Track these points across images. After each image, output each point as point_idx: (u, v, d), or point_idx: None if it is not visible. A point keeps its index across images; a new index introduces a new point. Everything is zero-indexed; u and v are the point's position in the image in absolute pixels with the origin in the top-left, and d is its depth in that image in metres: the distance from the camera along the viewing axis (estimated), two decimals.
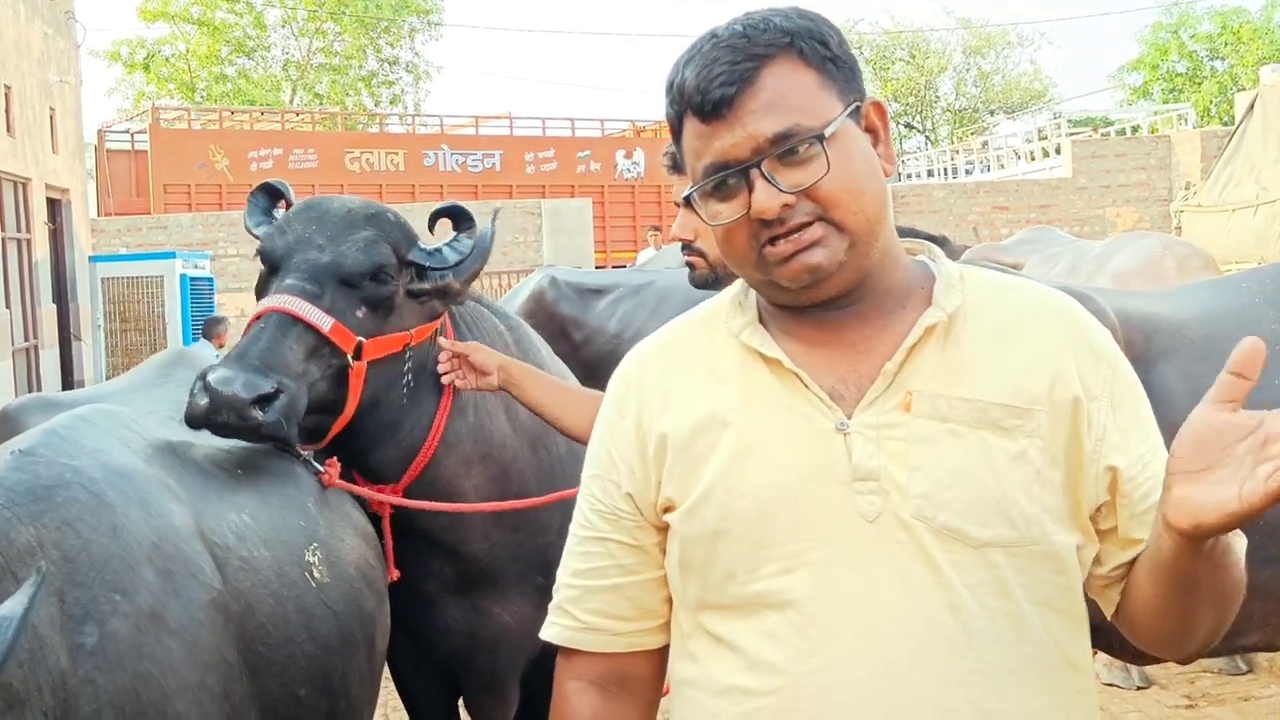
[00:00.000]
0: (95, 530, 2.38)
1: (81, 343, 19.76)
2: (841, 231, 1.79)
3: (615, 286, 8.19)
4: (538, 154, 31.86)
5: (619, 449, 1.96)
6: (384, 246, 3.54)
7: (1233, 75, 43.23)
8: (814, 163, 1.77)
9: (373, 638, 3.24)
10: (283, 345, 3.33)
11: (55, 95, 19.86)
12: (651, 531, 1.95)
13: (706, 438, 1.86)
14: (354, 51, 46.62)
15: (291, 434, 3.26)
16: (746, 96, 1.78)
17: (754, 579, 1.81)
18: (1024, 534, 1.76)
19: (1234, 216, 18.14)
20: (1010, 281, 1.97)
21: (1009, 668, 1.76)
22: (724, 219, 1.83)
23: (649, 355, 2.02)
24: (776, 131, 1.77)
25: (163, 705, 2.37)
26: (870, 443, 1.78)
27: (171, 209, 26.61)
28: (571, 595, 2.00)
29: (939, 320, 1.83)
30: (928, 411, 1.78)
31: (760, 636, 1.81)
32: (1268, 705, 6.05)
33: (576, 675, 2.00)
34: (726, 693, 1.84)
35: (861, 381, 1.83)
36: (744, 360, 1.89)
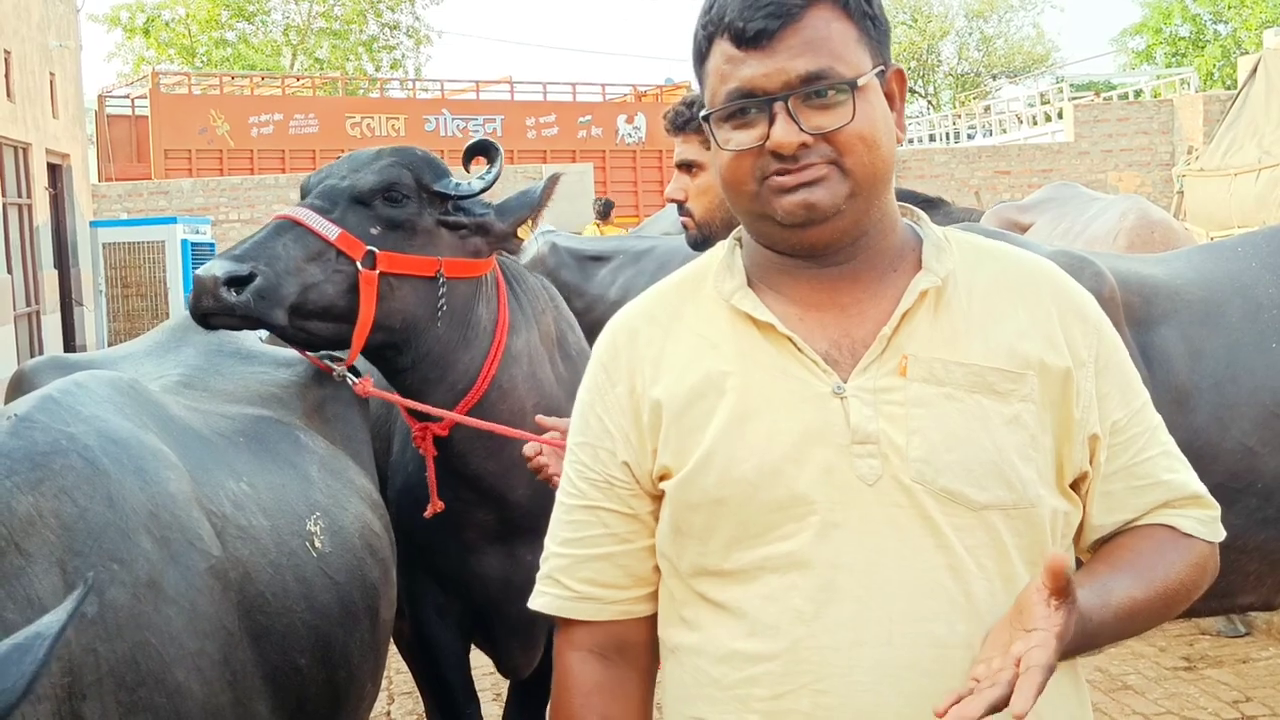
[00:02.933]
0: (91, 498, 2.37)
1: (83, 308, 19.77)
2: (846, 178, 1.80)
3: (616, 253, 8.18)
4: (539, 119, 31.74)
5: (611, 416, 1.95)
6: (399, 170, 3.72)
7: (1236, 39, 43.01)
8: (839, 109, 1.78)
9: (376, 608, 3.23)
10: (273, 242, 3.55)
11: (55, 60, 19.82)
12: (647, 500, 1.95)
13: (702, 404, 1.86)
14: (354, 16, 46.43)
15: (274, 317, 3.46)
16: (788, 32, 1.78)
17: (758, 544, 1.82)
18: (1021, 496, 1.78)
19: (1236, 181, 18.04)
20: (994, 246, 1.98)
21: None
22: (735, 146, 1.83)
23: (637, 320, 2.01)
24: (810, 70, 1.78)
25: (162, 674, 2.37)
26: (868, 406, 1.79)
27: (172, 174, 26.53)
28: (562, 564, 2.00)
29: (933, 284, 1.84)
30: (924, 375, 1.80)
31: (762, 601, 1.82)
32: (1266, 667, 6.08)
33: (576, 645, 2.01)
34: (729, 658, 1.85)
35: (855, 346, 1.83)
36: (735, 324, 1.89)
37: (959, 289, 1.86)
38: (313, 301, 3.53)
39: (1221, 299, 3.65)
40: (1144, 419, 1.89)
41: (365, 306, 3.57)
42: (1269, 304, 3.63)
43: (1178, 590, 1.83)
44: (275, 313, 3.46)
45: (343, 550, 3.12)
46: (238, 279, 3.43)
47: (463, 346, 3.79)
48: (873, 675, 1.75)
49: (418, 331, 3.71)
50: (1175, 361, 3.47)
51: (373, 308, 3.58)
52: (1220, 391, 3.51)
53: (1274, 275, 3.69)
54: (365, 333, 3.59)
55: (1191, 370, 3.51)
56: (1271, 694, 5.72)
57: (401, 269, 3.64)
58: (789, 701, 1.79)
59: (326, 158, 28.63)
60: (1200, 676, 6.00)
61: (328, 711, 2.97)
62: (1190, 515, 1.88)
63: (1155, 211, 8.94)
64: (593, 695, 1.98)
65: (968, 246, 1.93)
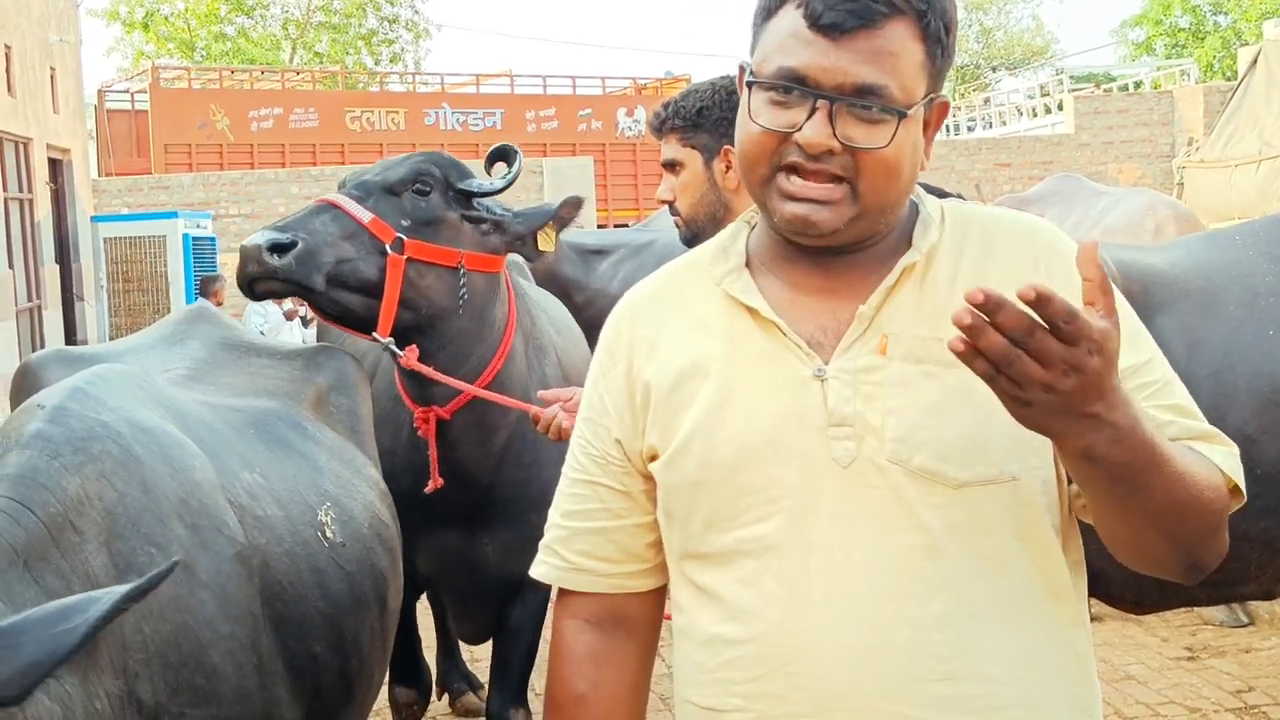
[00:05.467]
0: (128, 484, 2.43)
1: (84, 303, 19.77)
2: (856, 202, 1.78)
3: (617, 247, 8.18)
4: (539, 112, 31.73)
5: (610, 394, 1.98)
6: (428, 165, 4.11)
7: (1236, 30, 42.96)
8: (879, 129, 1.75)
9: (385, 596, 3.28)
10: (312, 219, 3.92)
11: (55, 55, 19.81)
12: (638, 478, 1.97)
13: (687, 387, 1.88)
14: (353, 9, 46.34)
15: (310, 279, 3.81)
16: (863, 36, 1.74)
17: (732, 527, 1.83)
18: (1003, 470, 1.76)
19: (1237, 172, 18.05)
20: (986, 211, 1.96)
21: (989, 606, 1.76)
22: (764, 122, 1.80)
23: (640, 302, 2.02)
24: (868, 83, 1.74)
25: (200, 656, 2.44)
26: (846, 388, 1.79)
27: (172, 169, 26.52)
28: (560, 535, 2.04)
29: (915, 260, 1.83)
30: (903, 354, 1.79)
31: (738, 585, 1.83)
32: (1268, 657, 6.09)
33: (573, 614, 2.03)
34: (709, 642, 1.86)
35: (840, 328, 1.83)
36: (727, 309, 1.90)
37: (944, 263, 1.85)
38: (346, 274, 3.87)
39: (1220, 287, 3.68)
40: (1156, 371, 1.83)
41: (391, 286, 3.89)
42: (1266, 292, 3.66)
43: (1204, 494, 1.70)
44: (314, 277, 3.82)
45: (353, 539, 3.17)
46: (280, 245, 3.79)
47: (477, 340, 4.13)
48: (845, 656, 1.76)
49: (441, 319, 4.04)
50: (1174, 350, 3.49)
51: (398, 288, 3.90)
52: (1219, 379, 3.53)
53: (1272, 264, 3.71)
54: (392, 310, 3.91)
55: (1190, 358, 3.53)
56: (1274, 683, 5.73)
57: (427, 257, 3.98)
58: (765, 684, 1.80)
59: (326, 152, 28.77)
60: (1203, 666, 6.01)
61: (340, 698, 3.02)
62: (1212, 448, 1.79)
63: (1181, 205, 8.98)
64: (584, 663, 2.01)
65: (959, 217, 1.91)
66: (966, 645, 1.75)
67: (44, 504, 2.20)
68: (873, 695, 1.75)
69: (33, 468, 2.26)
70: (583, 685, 2.00)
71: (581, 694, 2.00)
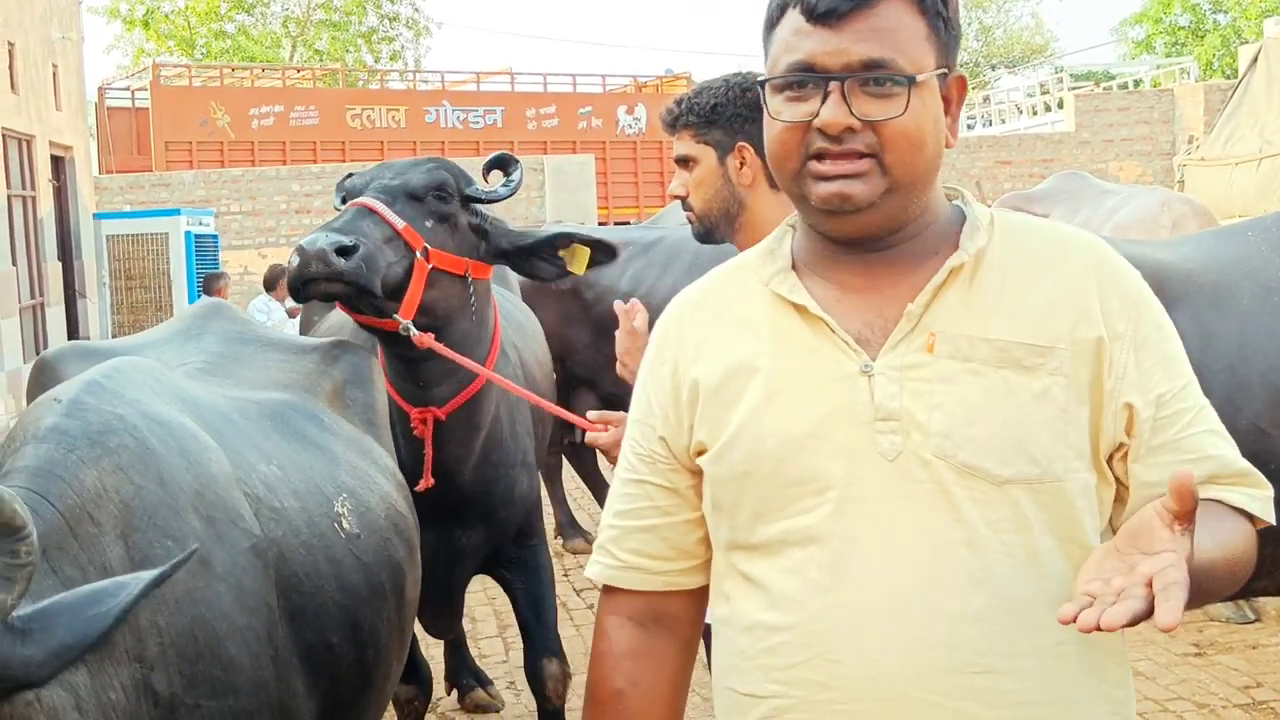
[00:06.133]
0: (145, 476, 2.44)
1: (87, 300, 19.77)
2: (885, 174, 1.82)
3: (626, 244, 8.18)
4: (539, 110, 31.73)
5: (656, 395, 2.02)
6: (444, 173, 4.26)
7: (1235, 28, 42.93)
8: (893, 101, 1.80)
9: (402, 587, 3.30)
10: (362, 221, 4.02)
11: (58, 52, 19.79)
12: (685, 475, 2.01)
13: (736, 383, 1.91)
14: (353, 7, 46.28)
15: (374, 283, 3.91)
16: (859, 15, 1.80)
17: (779, 518, 1.87)
18: (1046, 471, 1.79)
19: (1237, 170, 18.06)
20: (1038, 223, 2.00)
21: (1027, 602, 1.79)
22: (785, 118, 1.86)
23: (685, 306, 2.08)
24: (873, 57, 1.80)
25: (217, 648, 2.45)
26: (893, 384, 1.83)
27: (173, 166, 26.52)
28: (612, 535, 2.07)
29: (963, 261, 1.86)
30: (950, 352, 1.82)
31: (782, 574, 1.86)
32: (1275, 653, 6.11)
33: (615, 611, 2.07)
34: (752, 629, 1.90)
35: (887, 325, 1.86)
36: (774, 308, 1.94)
37: (992, 266, 1.88)
38: (389, 278, 3.99)
39: (1232, 282, 3.69)
40: (1190, 395, 1.87)
41: (414, 288, 4.04)
42: (1279, 287, 3.67)
43: (1238, 560, 1.81)
44: (375, 280, 3.92)
45: (369, 531, 3.19)
46: (345, 248, 3.87)
47: (476, 343, 4.33)
48: (885, 646, 1.79)
49: (451, 322, 4.21)
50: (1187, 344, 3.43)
51: (420, 290, 4.05)
52: (1232, 374, 3.54)
53: None
54: (414, 308, 4.04)
55: (1203, 353, 3.54)
56: None
57: (444, 265, 4.14)
58: (804, 671, 1.84)
59: (327, 149, 28.77)
60: (1210, 662, 6.02)
61: (358, 688, 3.04)
62: (1241, 491, 1.87)
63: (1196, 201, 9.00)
64: (624, 660, 2.04)
65: (1008, 224, 1.94)
66: (1004, 640, 1.78)
67: (61, 495, 2.22)
68: (910, 685, 1.78)
69: (50, 460, 2.27)
70: (622, 682, 2.04)
71: (620, 690, 2.04)
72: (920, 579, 1.79)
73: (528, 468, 4.92)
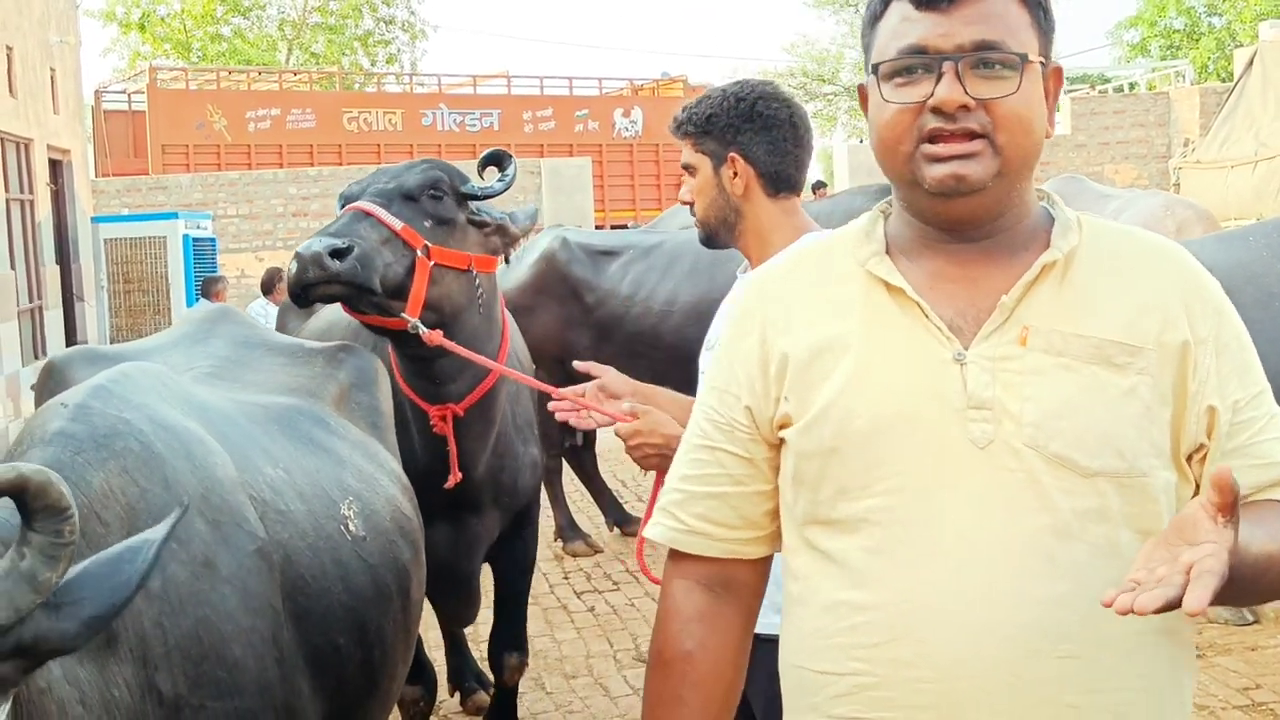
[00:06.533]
0: (150, 480, 2.46)
1: (85, 303, 19.76)
2: (997, 155, 1.86)
3: (626, 248, 8.24)
4: (536, 113, 31.77)
5: (741, 364, 2.05)
6: (437, 172, 4.40)
7: (1231, 31, 42.93)
8: (1004, 82, 1.86)
9: (407, 589, 3.32)
10: (357, 225, 4.14)
11: (55, 56, 19.78)
12: (764, 446, 2.04)
13: (827, 358, 1.95)
14: (349, 10, 46.24)
15: (372, 281, 4.03)
16: (969, 2, 1.86)
17: (864, 495, 1.90)
18: (1131, 466, 1.83)
19: (1233, 173, 18.09)
20: (1126, 229, 2.04)
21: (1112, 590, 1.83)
22: (898, 101, 1.89)
23: (769, 280, 2.12)
24: (985, 39, 1.85)
25: (221, 650, 2.47)
26: (985, 373, 1.87)
27: (170, 169, 26.51)
28: (678, 499, 2.10)
29: (1056, 259, 1.90)
30: (1042, 346, 1.86)
31: (866, 553, 1.90)
32: (1274, 654, 6.11)
33: (683, 575, 2.10)
34: (833, 608, 1.93)
35: (979, 315, 1.90)
36: (868, 288, 1.97)
37: (1083, 265, 1.92)
38: (390, 278, 4.10)
39: (1233, 287, 3.64)
40: (1264, 403, 1.93)
41: (418, 286, 4.15)
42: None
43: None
44: (373, 279, 4.05)
45: (375, 533, 3.21)
46: (339, 251, 4.00)
47: (487, 338, 4.49)
48: (971, 628, 1.82)
49: (459, 318, 4.34)
50: None
51: (424, 288, 4.16)
52: None
53: None
54: (419, 305, 4.15)
55: None
56: None
57: (446, 261, 4.25)
58: (890, 650, 1.87)
59: (324, 152, 28.78)
60: (1210, 664, 6.02)
61: (364, 689, 3.06)
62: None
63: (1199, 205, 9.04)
64: (692, 623, 2.08)
65: (1098, 227, 1.99)
66: (1087, 627, 1.82)
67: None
68: (994, 667, 1.82)
69: (57, 462, 2.29)
70: (690, 644, 2.07)
71: (689, 652, 2.07)
72: (1008, 564, 1.83)
73: (529, 457, 5.07)
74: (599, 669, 6.48)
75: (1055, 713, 1.82)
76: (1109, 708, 1.84)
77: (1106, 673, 1.83)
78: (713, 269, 7.26)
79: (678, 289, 7.79)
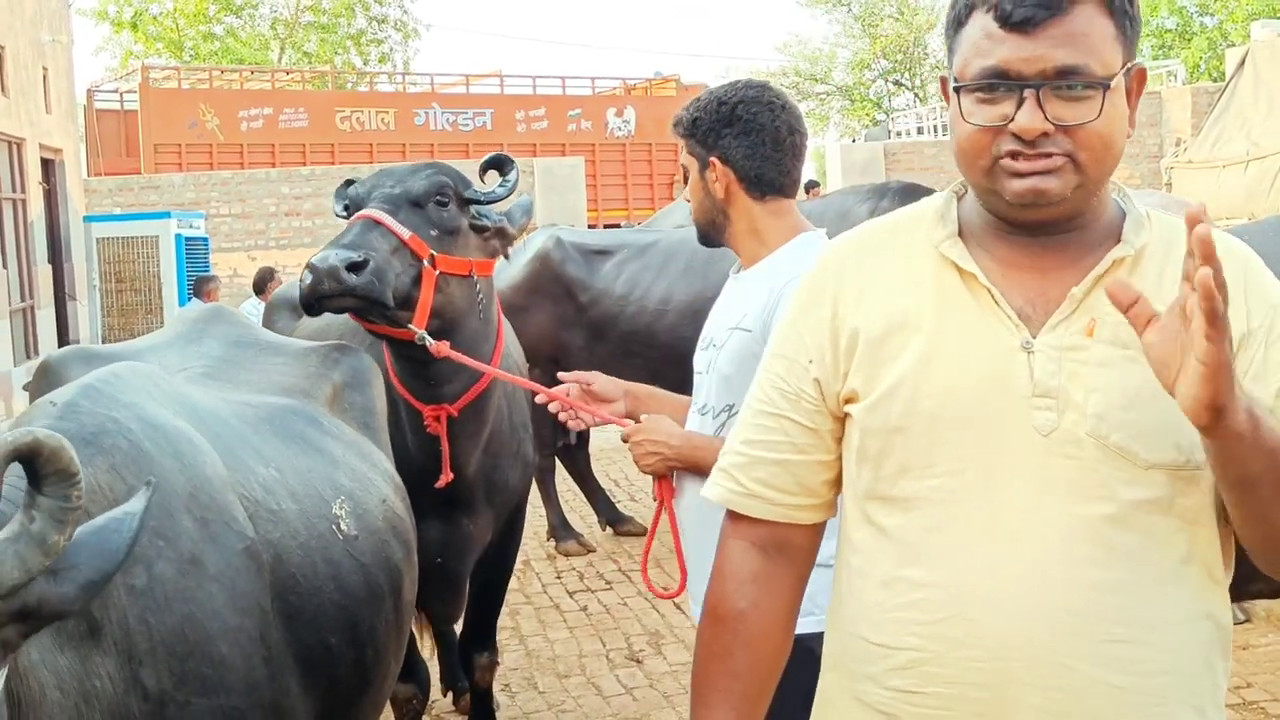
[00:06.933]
0: (138, 477, 2.45)
1: (77, 303, 19.75)
2: (1078, 172, 1.88)
3: (621, 247, 8.23)
4: (528, 112, 31.76)
5: (812, 334, 2.08)
6: (442, 178, 4.39)
7: (1222, 31, 43.02)
8: (1086, 105, 1.86)
9: (400, 588, 3.32)
10: (370, 235, 4.13)
11: (48, 54, 19.78)
12: (829, 418, 2.08)
13: (898, 338, 1.98)
14: (342, 9, 46.25)
15: (386, 296, 4.03)
16: (1054, 23, 1.85)
17: (927, 475, 1.94)
18: (1189, 459, 1.86)
19: (1225, 173, 18.08)
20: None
21: (1158, 578, 1.87)
22: (978, 120, 1.91)
23: (848, 251, 2.13)
24: (1068, 64, 1.85)
25: (207, 647, 2.47)
26: (1052, 362, 1.90)
27: (162, 169, 26.49)
28: (739, 462, 2.15)
29: (1126, 254, 1.93)
30: (1109, 338, 1.88)
31: (925, 530, 1.94)
32: (1266, 653, 6.13)
33: (741, 536, 2.16)
34: (892, 583, 1.97)
35: (1049, 304, 1.93)
36: (940, 270, 2.00)
37: (1153, 261, 1.95)
38: (399, 289, 4.11)
39: None
40: None
41: (425, 296, 4.17)
42: None
43: None
44: (386, 292, 4.04)
45: (367, 532, 3.21)
46: (356, 264, 3.99)
47: (484, 340, 4.53)
48: (1025, 610, 1.87)
49: (460, 323, 4.36)
50: None
51: (431, 298, 4.18)
52: None
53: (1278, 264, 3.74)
54: (426, 314, 4.17)
55: None
56: (1272, 679, 5.76)
57: (450, 269, 4.27)
58: (945, 628, 1.91)
59: (316, 152, 28.74)
60: None
61: (356, 689, 3.05)
62: None
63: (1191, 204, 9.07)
64: (747, 583, 2.13)
65: (1167, 224, 2.01)
66: (1136, 612, 1.87)
67: None
68: (1046, 648, 1.86)
69: None
70: (744, 603, 2.12)
71: (742, 610, 2.13)
72: (1063, 549, 1.86)
73: (522, 457, 5.09)
74: (591, 668, 6.47)
75: (1102, 693, 1.86)
76: (1152, 690, 1.87)
77: (1151, 656, 1.87)
78: (707, 268, 7.27)
79: (672, 288, 7.80)
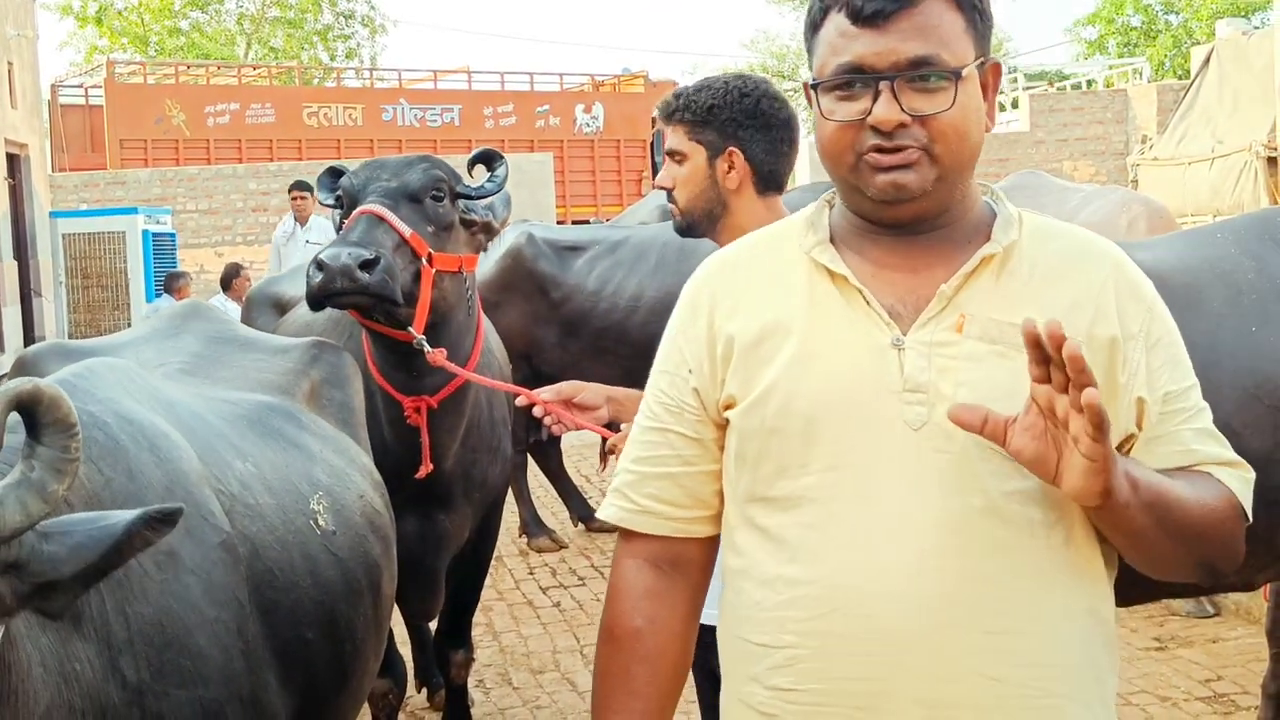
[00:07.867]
0: (114, 469, 2.48)
1: (43, 299, 19.61)
2: (935, 164, 1.94)
3: (592, 244, 8.23)
4: (497, 108, 31.68)
5: (689, 347, 2.12)
6: (438, 172, 4.39)
7: (1187, 29, 43.22)
8: (940, 95, 1.92)
9: (378, 584, 3.31)
10: (376, 231, 4.14)
11: (13, 49, 19.63)
12: (712, 427, 2.11)
13: (771, 342, 2.01)
14: (308, 4, 46.04)
15: (396, 294, 4.04)
16: (904, 15, 1.92)
17: (803, 474, 1.97)
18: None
19: (1190, 170, 18.22)
20: (1064, 226, 2.11)
21: (1035, 571, 1.91)
22: (839, 117, 1.96)
23: (720, 265, 2.18)
24: (919, 55, 1.91)
25: (185, 639, 2.48)
26: (922, 358, 1.93)
27: (128, 164, 26.31)
28: (630, 480, 2.18)
29: (995, 252, 1.97)
30: (978, 334, 1.93)
31: (803, 529, 1.97)
32: (1235, 646, 6.18)
33: (633, 554, 2.18)
34: (771, 582, 1.99)
35: (919, 302, 1.97)
36: (811, 275, 2.04)
37: (1022, 260, 1.99)
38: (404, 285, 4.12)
39: (1203, 284, 3.72)
40: (1192, 397, 2.01)
41: (424, 296, 4.19)
42: (1248, 289, 3.70)
43: (1213, 519, 1.92)
44: (396, 290, 4.05)
45: (346, 528, 3.21)
46: (368, 262, 3.99)
47: (467, 332, 4.58)
48: (903, 602, 1.89)
49: (449, 318, 4.41)
50: None
51: (429, 299, 4.20)
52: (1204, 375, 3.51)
53: (1253, 260, 3.75)
54: (425, 313, 4.19)
55: None
56: (1242, 672, 5.81)
57: (444, 266, 4.29)
58: (823, 623, 1.93)
59: (283, 147, 28.59)
60: (1172, 656, 6.09)
61: (334, 683, 3.05)
62: (1226, 471, 1.99)
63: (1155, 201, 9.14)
64: (642, 600, 2.15)
65: (1037, 224, 2.06)
66: (1015, 603, 1.90)
67: None
68: (925, 641, 1.89)
69: None
70: (639, 620, 2.14)
71: (638, 628, 2.14)
72: (940, 542, 1.89)
73: (501, 453, 5.09)
74: (565, 664, 6.48)
75: (978, 684, 1.88)
76: (1030, 681, 1.90)
77: (1030, 648, 1.90)
78: (679, 264, 7.27)
79: (644, 284, 7.80)
